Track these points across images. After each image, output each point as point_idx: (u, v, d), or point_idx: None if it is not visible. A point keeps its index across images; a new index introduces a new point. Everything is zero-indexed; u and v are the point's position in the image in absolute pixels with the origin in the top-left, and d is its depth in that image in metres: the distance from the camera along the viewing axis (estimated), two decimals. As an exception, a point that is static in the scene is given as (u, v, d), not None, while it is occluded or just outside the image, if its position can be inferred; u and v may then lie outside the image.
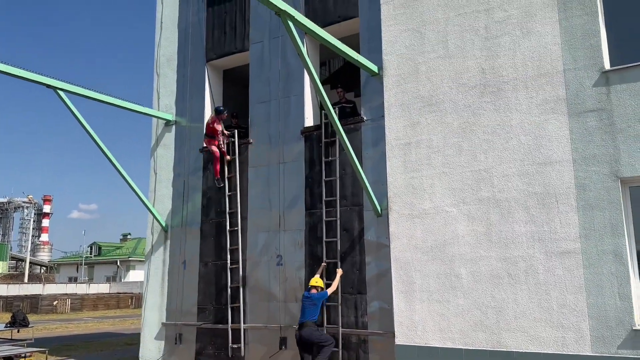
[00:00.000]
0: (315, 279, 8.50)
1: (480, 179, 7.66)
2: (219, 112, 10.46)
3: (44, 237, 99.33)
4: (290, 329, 9.24)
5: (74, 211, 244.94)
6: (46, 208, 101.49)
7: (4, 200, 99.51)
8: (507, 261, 7.29)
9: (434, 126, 8.14)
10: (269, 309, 9.69)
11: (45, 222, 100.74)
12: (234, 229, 10.30)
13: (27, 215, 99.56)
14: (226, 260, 10.26)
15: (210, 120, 10.54)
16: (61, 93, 9.47)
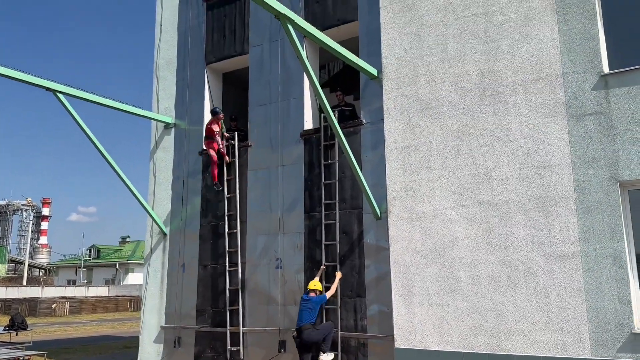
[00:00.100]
0: (313, 282, 8.52)
1: (479, 182, 7.66)
2: (215, 114, 10.49)
3: (43, 240, 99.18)
4: (289, 332, 9.22)
5: (73, 214, 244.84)
6: (45, 211, 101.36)
7: (3, 202, 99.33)
8: (507, 264, 7.29)
9: (433, 129, 8.15)
10: (268, 312, 9.68)
11: (44, 225, 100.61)
12: (233, 232, 10.29)
13: (26, 217, 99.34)
14: (225, 263, 10.25)
15: (209, 122, 10.58)
16: (60, 96, 9.46)
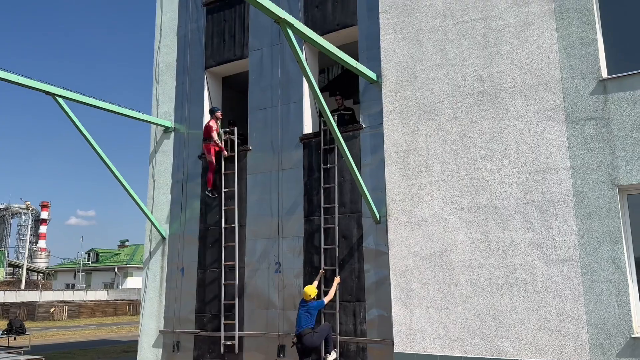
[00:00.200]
0: (309, 288, 8.36)
1: (478, 187, 7.68)
2: (212, 112, 10.69)
3: (42, 244, 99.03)
4: (288, 337, 9.21)
5: (72, 217, 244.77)
6: (44, 214, 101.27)
7: (2, 206, 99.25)
8: (506, 269, 7.29)
9: (433, 134, 8.17)
10: (267, 317, 9.66)
11: (42, 229, 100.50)
12: (232, 236, 10.28)
13: (25, 221, 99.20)
14: (225, 267, 10.24)
15: (207, 122, 10.65)
16: (60, 100, 9.46)
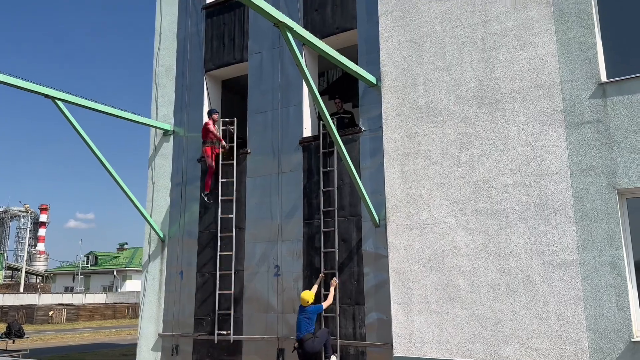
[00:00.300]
0: (306, 294, 8.29)
1: (478, 190, 7.68)
2: (210, 114, 10.67)
3: (41, 247, 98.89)
4: (287, 340, 9.19)
5: (71, 220, 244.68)
6: (43, 217, 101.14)
7: (1, 209, 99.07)
8: (505, 272, 7.29)
9: (432, 137, 8.17)
10: (267, 320, 9.64)
11: (41, 232, 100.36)
12: (231, 239, 10.27)
13: (24, 224, 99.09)
14: (225, 270, 10.22)
15: (204, 124, 10.65)
16: (59, 103, 9.46)
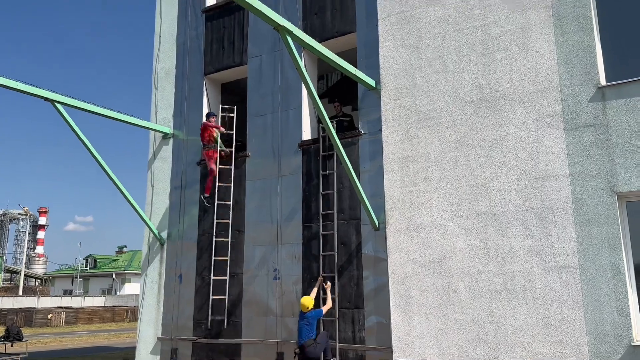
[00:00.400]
0: (306, 300, 8.23)
1: (477, 194, 7.67)
2: (208, 117, 10.63)
3: (39, 250, 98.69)
4: (287, 344, 9.17)
5: (70, 223, 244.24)
6: (42, 220, 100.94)
7: (0, 211, 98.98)
8: (505, 276, 7.28)
9: (431, 140, 8.17)
10: (266, 324, 9.62)
11: (40, 234, 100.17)
12: (230, 243, 10.26)
13: (23, 227, 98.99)
14: (223, 275, 10.21)
15: (202, 127, 10.60)
16: (59, 106, 9.46)
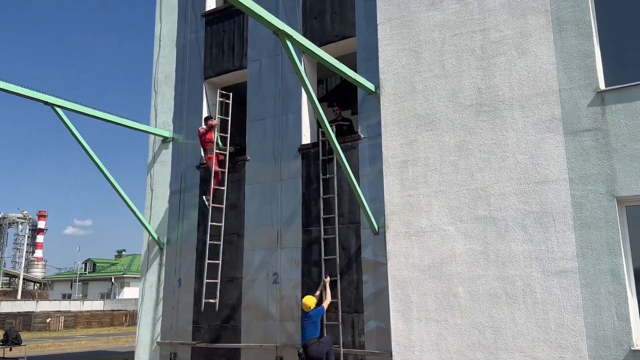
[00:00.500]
0: (308, 299, 8.28)
1: (477, 198, 7.67)
2: (206, 121, 10.64)
3: (38, 253, 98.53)
4: (286, 348, 9.14)
5: (69, 227, 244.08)
6: (41, 224, 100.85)
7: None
8: (505, 280, 7.26)
9: (431, 144, 8.18)
10: (265, 328, 9.59)
11: (39, 238, 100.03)
12: (230, 246, 10.24)
13: (22, 231, 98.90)
14: (223, 279, 10.18)
15: (202, 131, 10.58)
16: (59, 110, 9.47)
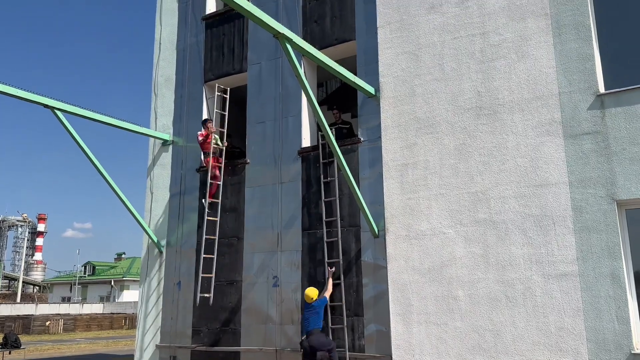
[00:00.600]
0: (310, 290, 8.35)
1: (477, 201, 7.67)
2: (204, 123, 10.63)
3: (38, 256, 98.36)
4: (286, 352, 9.13)
5: (69, 230, 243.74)
6: (40, 227, 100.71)
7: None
8: (505, 283, 7.26)
9: (431, 147, 8.18)
10: (265, 331, 9.58)
11: (39, 241, 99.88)
12: (230, 249, 10.23)
13: (21, 233, 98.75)
14: (221, 280, 10.17)
15: (200, 134, 10.60)
16: (58, 113, 9.47)
